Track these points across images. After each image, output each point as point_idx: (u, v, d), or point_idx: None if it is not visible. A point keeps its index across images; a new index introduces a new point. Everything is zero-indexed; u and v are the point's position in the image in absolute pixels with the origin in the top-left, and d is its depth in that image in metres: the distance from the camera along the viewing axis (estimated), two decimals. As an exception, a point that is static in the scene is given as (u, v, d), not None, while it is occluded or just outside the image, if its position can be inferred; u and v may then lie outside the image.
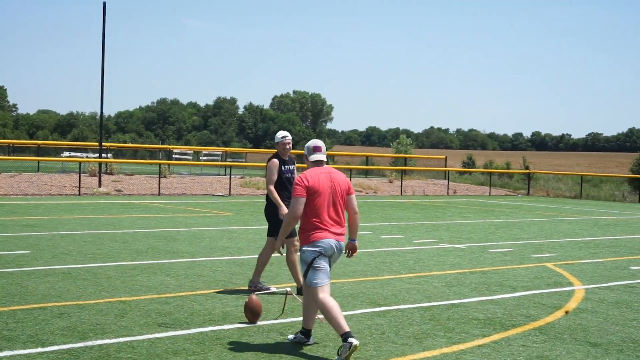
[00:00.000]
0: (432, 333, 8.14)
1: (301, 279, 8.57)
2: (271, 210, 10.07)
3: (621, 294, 11.00)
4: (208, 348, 7.23)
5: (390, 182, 42.65)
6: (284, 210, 9.78)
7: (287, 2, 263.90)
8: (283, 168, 10.11)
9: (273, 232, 10.05)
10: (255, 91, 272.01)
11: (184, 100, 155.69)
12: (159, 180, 32.29)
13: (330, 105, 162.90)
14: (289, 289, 8.99)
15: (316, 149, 7.60)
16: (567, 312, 6.41)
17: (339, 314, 7.06)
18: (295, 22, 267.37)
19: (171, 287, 10.23)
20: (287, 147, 10.18)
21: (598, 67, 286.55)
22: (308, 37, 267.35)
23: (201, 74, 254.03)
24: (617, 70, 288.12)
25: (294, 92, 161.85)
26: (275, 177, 10.05)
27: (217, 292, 9.96)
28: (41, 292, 9.52)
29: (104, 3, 31.50)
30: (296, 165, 10.62)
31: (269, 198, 10.07)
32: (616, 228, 22.34)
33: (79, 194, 28.67)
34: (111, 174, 36.62)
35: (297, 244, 10.09)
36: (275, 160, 10.11)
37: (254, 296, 8.39)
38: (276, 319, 8.57)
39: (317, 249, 7.25)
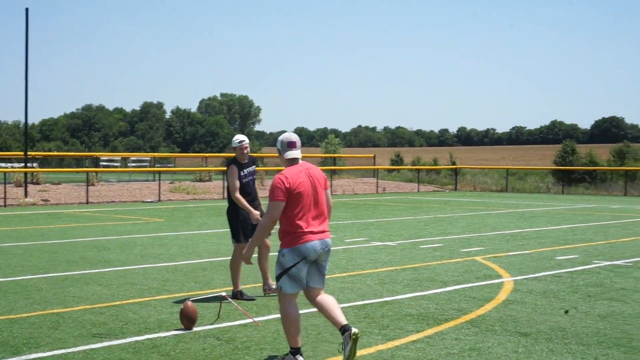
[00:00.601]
0: (367, 331, 8.25)
1: (274, 281, 8.82)
2: (233, 214, 10.14)
3: (548, 284, 11.29)
4: (145, 357, 7.19)
5: (320, 182, 42.83)
6: (255, 215, 9.91)
7: (210, 5, 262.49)
8: (242, 173, 10.12)
9: (235, 236, 10.17)
10: (182, 95, 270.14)
11: (110, 106, 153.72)
12: (87, 188, 31.83)
13: (258, 107, 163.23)
14: (223, 293, 8.99)
15: (291, 145, 7.10)
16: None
17: (299, 330, 6.87)
18: (220, 24, 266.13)
19: (104, 296, 10.13)
20: (245, 151, 10.18)
21: (519, 62, 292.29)
22: (233, 40, 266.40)
23: (127, 78, 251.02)
24: (537, 64, 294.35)
25: (221, 94, 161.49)
26: (237, 184, 10.06)
27: (151, 300, 9.91)
28: (-30, 308, 9.35)
29: (27, 9, 30.93)
30: (256, 166, 10.57)
31: (231, 202, 10.12)
32: (541, 219, 22.88)
33: (5, 205, 28.09)
34: (37, 183, 35.95)
35: (268, 242, 10.30)
36: (234, 167, 10.09)
37: (189, 302, 8.37)
38: (212, 324, 8.56)
39: (299, 255, 6.82)
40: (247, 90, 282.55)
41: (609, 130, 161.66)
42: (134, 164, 53.60)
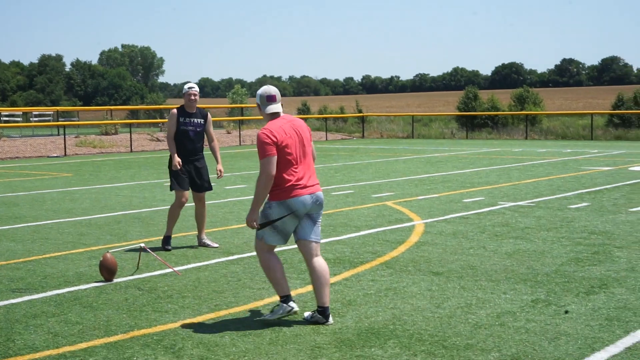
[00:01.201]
0: (286, 276, 8.41)
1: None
2: (169, 162, 10.10)
3: (457, 225, 11.68)
4: (67, 309, 7.21)
5: (229, 132, 42.69)
6: (176, 160, 9.81)
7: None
8: (183, 120, 9.92)
9: (171, 185, 10.11)
10: (81, 47, 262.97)
11: (6, 60, 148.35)
12: (-11, 144, 31.01)
13: (161, 58, 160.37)
14: (142, 244, 9.02)
15: (270, 99, 6.78)
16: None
17: (283, 276, 6.74)
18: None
19: (19, 252, 10.02)
20: (192, 97, 9.89)
21: (421, 10, 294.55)
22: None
23: (23, 30, 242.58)
24: (438, 11, 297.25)
25: (122, 46, 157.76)
26: (173, 129, 9.94)
27: (68, 254, 9.85)
28: None
29: None
30: (209, 118, 10.24)
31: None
32: (447, 164, 23.44)
33: None
34: None
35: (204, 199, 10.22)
36: (174, 111, 9.97)
37: (107, 254, 8.37)
38: (132, 275, 8.60)
39: (287, 209, 6.59)
40: (149, 42, 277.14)
41: (509, 76, 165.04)
42: (36, 119, 52.16)
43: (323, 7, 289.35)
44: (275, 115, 6.79)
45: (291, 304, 6.72)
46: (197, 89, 10.01)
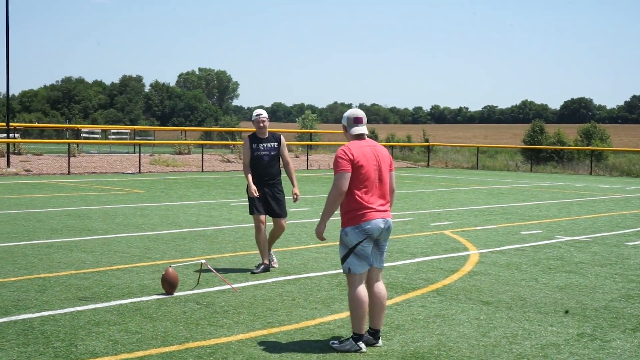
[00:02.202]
0: (339, 298, 8.52)
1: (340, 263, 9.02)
2: (246, 188, 10.02)
3: (512, 257, 11.62)
4: (129, 318, 7.43)
5: (297, 156, 43.04)
6: (252, 188, 9.77)
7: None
8: (256, 146, 9.86)
9: (249, 209, 10.03)
10: (161, 69, 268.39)
11: (89, 79, 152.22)
12: (69, 159, 31.83)
13: (236, 82, 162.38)
14: (203, 260, 9.22)
15: (357, 121, 6.81)
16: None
17: (365, 314, 6.58)
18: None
19: (88, 263, 10.34)
20: (262, 124, 9.84)
21: (491, 42, 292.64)
22: (212, 15, 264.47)
23: (106, 52, 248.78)
24: (509, 44, 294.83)
25: (200, 69, 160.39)
26: (247, 157, 9.92)
27: (133, 267, 10.12)
28: (-41, 272, 9.52)
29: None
30: (283, 142, 10.09)
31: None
32: (509, 196, 23.25)
33: (-12, 175, 28.08)
34: (19, 154, 35.85)
35: (284, 225, 10.06)
36: (246, 139, 9.96)
37: (170, 269, 8.59)
38: (192, 289, 8.80)
39: (363, 233, 6.54)
40: (225, 66, 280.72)
41: (577, 110, 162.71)
42: (114, 137, 53.39)
43: (395, 37, 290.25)
44: (359, 137, 6.80)
45: (361, 344, 6.56)
46: (265, 115, 9.94)
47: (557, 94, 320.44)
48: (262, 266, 9.94)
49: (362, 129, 6.81)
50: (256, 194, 9.83)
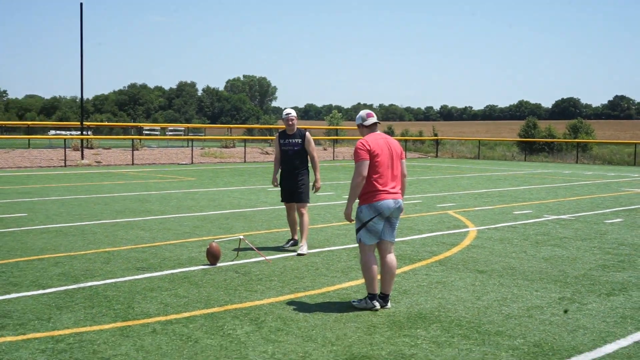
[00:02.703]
0: (355, 268, 8.51)
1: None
2: (280, 180, 9.78)
3: (505, 232, 11.53)
4: (178, 285, 7.49)
5: (325, 149, 43.01)
6: (273, 179, 9.72)
7: (234, 1, 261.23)
8: (283, 141, 9.62)
9: (281, 197, 9.82)
10: (211, 75, 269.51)
11: (151, 85, 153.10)
12: (132, 152, 32.10)
13: (275, 87, 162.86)
14: (242, 236, 9.26)
15: (369, 115, 6.83)
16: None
17: (375, 277, 6.63)
18: (244, 14, 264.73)
19: (146, 239, 10.42)
20: (290, 123, 9.49)
21: (492, 48, 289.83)
22: (257, 28, 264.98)
23: (166, 61, 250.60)
24: (507, 50, 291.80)
25: (244, 76, 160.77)
26: (276, 151, 9.74)
27: (183, 242, 10.18)
28: (38, 247, 9.63)
29: (81, 4, 30.94)
30: (311, 138, 9.62)
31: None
32: (505, 182, 23.06)
33: (65, 166, 28.38)
34: (91, 148, 36.23)
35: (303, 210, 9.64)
36: (276, 136, 9.75)
37: (213, 243, 8.63)
38: (232, 261, 8.84)
39: (375, 211, 6.55)
40: (266, 72, 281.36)
41: (567, 108, 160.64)
42: (171, 133, 53.68)
43: (409, 46, 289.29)
44: (373, 127, 6.81)
45: (375, 302, 6.60)
46: (294, 114, 9.58)
47: (549, 94, 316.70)
48: (292, 241, 9.88)
49: (375, 120, 6.84)
50: (275, 184, 9.77)
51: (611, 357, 5.38)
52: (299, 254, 9.30)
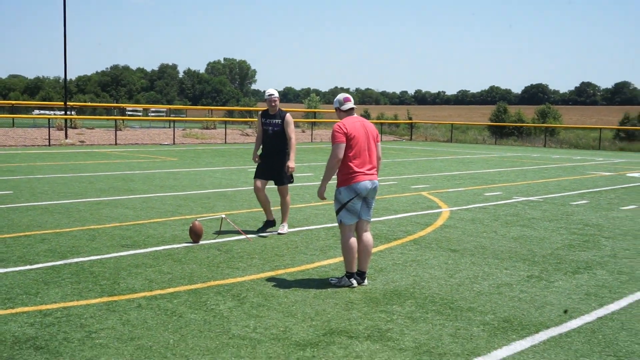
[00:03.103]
0: (334, 246, 8.55)
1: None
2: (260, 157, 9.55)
3: (476, 213, 11.64)
4: (162, 262, 7.49)
5: (303, 131, 42.94)
6: (254, 155, 9.50)
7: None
8: (264, 120, 9.39)
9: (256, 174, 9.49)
10: (192, 58, 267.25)
11: (134, 66, 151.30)
12: (115, 132, 31.82)
13: (254, 70, 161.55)
14: (223, 215, 9.26)
15: (346, 100, 6.79)
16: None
17: (355, 256, 6.66)
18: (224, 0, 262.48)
19: (130, 217, 10.38)
20: (272, 104, 9.27)
21: (464, 36, 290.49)
22: (237, 12, 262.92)
23: (147, 43, 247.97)
24: (482, 34, 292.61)
25: (225, 59, 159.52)
26: (259, 129, 9.49)
27: (166, 220, 10.15)
28: (25, 224, 9.55)
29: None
30: (290, 119, 9.31)
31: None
32: (476, 164, 23.22)
33: (49, 145, 28.08)
34: (75, 127, 35.85)
35: (288, 200, 9.47)
36: (259, 115, 9.50)
37: (196, 221, 8.63)
38: (214, 239, 8.85)
39: (353, 192, 6.57)
40: (246, 55, 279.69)
41: (536, 94, 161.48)
42: (153, 114, 53.26)
43: (386, 31, 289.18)
44: (350, 111, 6.79)
45: (352, 280, 6.66)
46: (276, 95, 9.35)
47: (519, 80, 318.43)
48: (269, 223, 9.51)
49: (351, 104, 6.82)
50: (256, 160, 9.51)
51: (576, 331, 5.49)
52: (279, 233, 9.30)
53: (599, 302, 6.35)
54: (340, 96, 6.87)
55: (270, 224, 9.52)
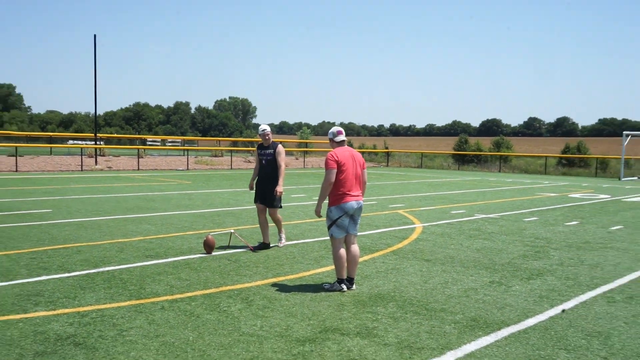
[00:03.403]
0: (326, 257, 8.53)
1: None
2: (256, 184, 9.34)
3: (445, 228, 11.65)
4: (180, 270, 7.45)
5: (297, 159, 42.97)
6: (250, 183, 9.32)
7: (218, 32, 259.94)
8: (260, 152, 9.23)
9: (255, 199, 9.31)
10: (202, 96, 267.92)
11: (152, 103, 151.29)
12: (138, 159, 31.74)
13: (255, 106, 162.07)
14: (232, 230, 9.23)
15: (339, 133, 6.82)
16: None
17: (344, 265, 6.63)
18: (228, 44, 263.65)
19: (152, 231, 10.32)
20: (266, 137, 9.11)
21: (433, 75, 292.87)
22: (240, 55, 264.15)
23: (164, 83, 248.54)
24: (446, 77, 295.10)
25: (230, 97, 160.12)
26: (256, 160, 9.29)
27: (183, 234, 10.10)
28: (63, 237, 9.50)
29: (95, 35, 30.57)
30: (281, 150, 9.10)
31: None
32: (443, 187, 23.27)
33: (82, 170, 27.94)
34: (104, 155, 35.73)
35: (280, 219, 9.28)
36: (256, 148, 9.36)
37: (209, 235, 8.60)
38: (224, 250, 8.81)
39: (342, 211, 6.59)
40: (248, 94, 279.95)
41: (491, 127, 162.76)
42: (170, 144, 53.15)
43: (366, 75, 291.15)
44: (342, 143, 6.83)
45: (343, 285, 6.63)
46: (269, 129, 9.20)
47: (477, 115, 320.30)
48: (262, 245, 9.08)
49: (343, 137, 6.87)
50: (250, 189, 9.34)
51: (532, 329, 5.50)
52: (278, 246, 9.27)
53: (550, 303, 6.37)
54: (335, 129, 6.87)
55: (264, 246, 9.15)
